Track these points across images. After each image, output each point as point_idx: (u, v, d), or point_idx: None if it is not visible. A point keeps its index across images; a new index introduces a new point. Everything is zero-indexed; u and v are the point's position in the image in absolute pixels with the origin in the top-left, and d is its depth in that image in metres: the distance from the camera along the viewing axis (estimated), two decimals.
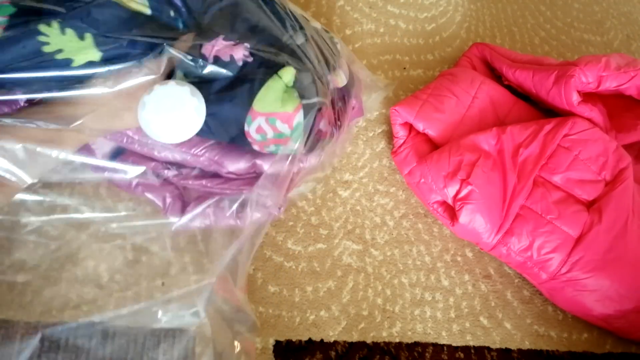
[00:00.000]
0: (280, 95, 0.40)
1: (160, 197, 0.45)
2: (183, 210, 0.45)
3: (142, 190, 0.45)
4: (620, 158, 0.52)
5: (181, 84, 0.40)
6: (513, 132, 0.52)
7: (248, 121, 0.41)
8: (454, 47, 0.68)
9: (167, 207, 0.45)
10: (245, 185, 0.46)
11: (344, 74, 0.50)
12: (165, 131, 0.40)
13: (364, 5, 0.68)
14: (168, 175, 0.46)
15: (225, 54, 0.41)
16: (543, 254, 0.48)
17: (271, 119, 0.41)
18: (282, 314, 0.48)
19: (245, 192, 0.45)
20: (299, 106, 0.41)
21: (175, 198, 0.45)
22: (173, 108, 0.39)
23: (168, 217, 0.45)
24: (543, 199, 0.49)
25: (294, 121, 0.41)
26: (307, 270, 0.51)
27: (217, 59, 0.41)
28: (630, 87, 0.52)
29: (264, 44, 0.43)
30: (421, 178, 0.52)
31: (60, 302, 0.43)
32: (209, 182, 0.45)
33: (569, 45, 0.73)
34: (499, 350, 0.51)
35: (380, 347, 0.49)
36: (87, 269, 0.44)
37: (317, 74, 0.44)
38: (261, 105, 0.41)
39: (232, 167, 0.45)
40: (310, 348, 0.48)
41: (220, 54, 0.41)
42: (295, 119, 0.41)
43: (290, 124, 0.41)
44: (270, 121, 0.41)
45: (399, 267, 0.53)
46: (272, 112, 0.41)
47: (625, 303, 0.48)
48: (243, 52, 0.41)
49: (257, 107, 0.41)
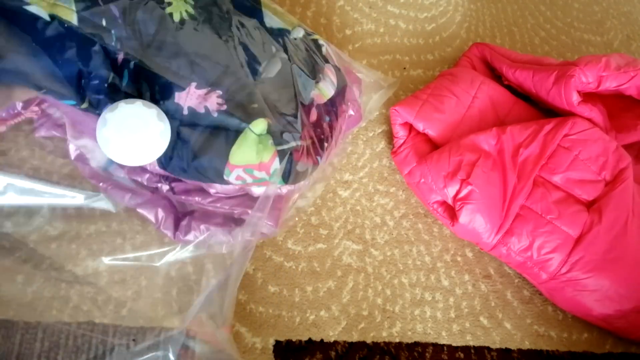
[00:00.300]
0: (254, 148, 0.41)
1: (152, 211, 0.45)
2: (176, 224, 0.45)
3: (135, 205, 0.45)
4: (620, 158, 0.52)
5: (148, 105, 0.39)
6: (513, 132, 0.52)
7: (227, 173, 0.41)
8: (454, 47, 0.68)
9: (160, 222, 0.45)
10: (237, 205, 0.46)
11: (331, 84, 0.49)
12: (125, 153, 0.38)
13: (364, 5, 0.68)
14: (162, 189, 0.45)
15: (199, 105, 0.41)
16: (543, 254, 0.48)
17: (248, 169, 0.41)
18: (282, 314, 0.48)
19: (236, 211, 0.46)
20: (274, 154, 0.41)
21: (168, 213, 0.45)
22: (137, 130, 0.38)
23: (162, 231, 0.45)
24: (543, 199, 0.49)
25: (270, 168, 0.42)
26: (307, 270, 0.51)
27: (191, 111, 0.41)
28: (630, 87, 0.52)
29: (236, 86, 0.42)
30: (421, 178, 0.52)
31: (60, 302, 0.43)
32: (202, 199, 0.45)
33: (569, 45, 0.73)
34: (499, 350, 0.51)
35: (380, 347, 0.49)
36: (87, 269, 0.45)
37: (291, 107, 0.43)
38: (237, 159, 0.41)
39: (220, 188, 0.45)
40: (310, 348, 0.48)
41: (195, 105, 0.41)
42: (272, 166, 0.41)
43: (267, 171, 0.42)
44: (248, 171, 0.42)
45: (399, 267, 0.53)
46: (248, 164, 0.41)
47: (625, 303, 0.48)
48: (217, 101, 0.41)
49: (233, 161, 0.41)
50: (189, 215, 0.46)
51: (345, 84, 0.52)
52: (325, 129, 0.48)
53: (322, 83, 0.48)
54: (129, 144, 0.38)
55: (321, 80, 0.48)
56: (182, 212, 0.46)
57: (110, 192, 0.45)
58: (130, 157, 0.39)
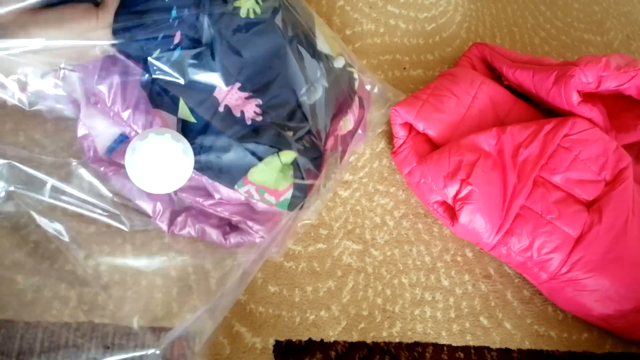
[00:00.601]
0: (275, 175, 0.42)
1: (151, 204, 0.45)
2: (172, 219, 0.45)
3: (134, 196, 0.45)
4: (620, 158, 0.52)
5: (177, 138, 0.40)
6: (513, 132, 0.52)
7: (239, 184, 0.42)
8: (454, 47, 0.68)
9: (157, 214, 0.45)
10: (237, 213, 0.46)
11: (353, 117, 0.50)
12: (147, 181, 0.40)
13: (364, 5, 0.68)
14: None
15: (237, 108, 0.41)
16: (543, 254, 0.48)
17: (261, 190, 0.42)
18: (282, 314, 0.48)
19: (234, 219, 0.46)
20: (290, 185, 0.42)
21: (165, 206, 0.45)
22: (162, 162, 0.40)
23: (156, 223, 0.45)
24: (543, 199, 0.49)
25: (281, 197, 0.42)
26: (307, 270, 0.51)
27: (228, 110, 0.41)
28: (630, 87, 0.52)
29: (278, 101, 0.43)
30: (421, 178, 0.52)
31: (60, 302, 0.43)
32: (203, 200, 0.45)
33: (569, 45, 0.73)
34: (499, 350, 0.51)
35: (380, 347, 0.49)
36: (87, 269, 0.45)
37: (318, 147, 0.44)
38: (255, 178, 0.42)
39: (226, 194, 0.45)
40: (310, 348, 0.48)
41: (232, 107, 0.41)
42: (283, 195, 0.42)
43: (277, 198, 0.43)
44: (260, 192, 0.42)
45: (399, 267, 0.53)
46: (263, 186, 0.42)
47: (625, 303, 0.48)
48: (254, 110, 0.42)
49: (250, 178, 0.42)
50: (186, 211, 0.46)
51: (363, 114, 0.53)
52: (336, 159, 0.49)
53: (348, 116, 0.49)
54: (153, 174, 0.40)
55: (348, 114, 0.49)
56: (180, 207, 0.46)
57: (111, 178, 0.45)
58: (152, 185, 0.41)
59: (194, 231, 0.45)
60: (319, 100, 0.46)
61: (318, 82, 0.46)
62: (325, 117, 0.46)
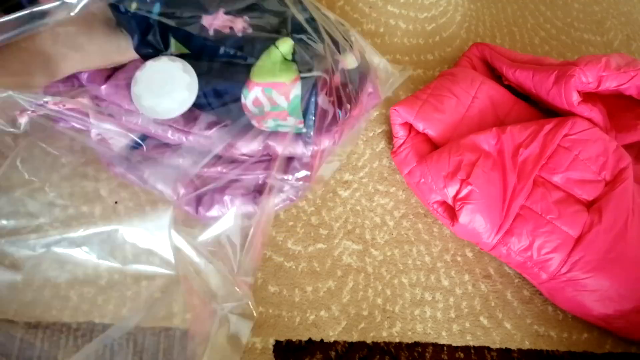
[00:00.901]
0: (277, 66, 0.40)
1: (172, 187, 0.45)
2: (198, 199, 0.45)
3: (154, 181, 0.45)
4: (620, 158, 0.52)
5: (173, 59, 0.41)
6: (513, 132, 0.52)
7: (245, 93, 0.40)
8: (454, 47, 0.68)
9: (181, 198, 0.45)
10: (261, 169, 0.45)
11: (355, 57, 0.48)
12: (156, 107, 0.41)
13: (364, 5, 0.68)
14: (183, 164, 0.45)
15: (224, 27, 0.41)
16: (543, 254, 0.48)
17: (267, 89, 0.40)
18: (282, 314, 0.48)
19: (261, 176, 0.45)
20: (296, 78, 0.40)
21: (188, 188, 0.45)
22: (164, 84, 0.41)
23: (183, 208, 0.45)
24: (543, 199, 0.49)
25: (290, 93, 0.40)
26: (307, 270, 0.51)
27: (217, 32, 0.41)
28: (630, 87, 0.52)
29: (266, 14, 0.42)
30: (421, 178, 0.52)
31: (60, 302, 0.43)
32: (224, 167, 0.45)
33: (569, 45, 0.73)
34: (499, 350, 0.51)
35: (380, 347, 0.49)
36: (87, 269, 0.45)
37: (318, 49, 0.42)
38: (258, 74, 0.40)
39: (245, 148, 0.44)
40: (310, 348, 0.48)
41: (220, 27, 0.41)
42: (292, 91, 0.40)
43: (287, 96, 0.41)
44: (267, 92, 0.40)
45: (399, 267, 0.53)
46: (268, 82, 0.40)
47: (625, 303, 0.48)
48: (242, 24, 0.41)
49: (253, 77, 0.40)
50: (211, 190, 0.45)
51: (369, 69, 0.51)
52: (350, 93, 0.47)
53: (348, 53, 0.47)
54: (158, 97, 0.41)
55: (346, 51, 0.47)
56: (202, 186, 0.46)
57: (127, 175, 0.46)
58: (161, 110, 0.42)
59: (224, 205, 0.45)
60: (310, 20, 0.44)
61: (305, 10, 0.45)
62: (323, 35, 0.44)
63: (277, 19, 0.43)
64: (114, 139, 0.45)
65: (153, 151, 0.46)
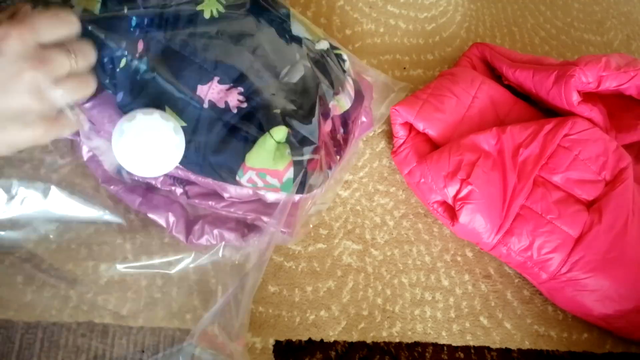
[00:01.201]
0: (271, 155, 0.41)
1: (163, 217, 0.45)
2: (188, 228, 0.45)
3: (145, 210, 0.45)
4: (620, 158, 0.52)
5: (166, 117, 0.38)
6: (513, 132, 0.52)
7: (240, 174, 0.41)
8: (454, 47, 0.68)
9: (172, 226, 0.45)
10: (250, 211, 0.46)
11: (348, 97, 0.49)
12: (140, 164, 0.39)
13: (364, 5, 0.68)
14: (175, 192, 0.45)
15: (220, 100, 0.41)
16: (543, 254, 0.48)
17: (261, 173, 0.41)
18: (282, 314, 0.48)
19: (249, 216, 0.46)
20: (289, 163, 0.41)
21: (179, 217, 0.45)
22: (153, 143, 0.38)
23: (174, 235, 0.45)
24: (543, 199, 0.49)
25: (284, 177, 0.42)
26: (307, 270, 0.51)
27: (212, 105, 0.41)
28: (630, 87, 0.52)
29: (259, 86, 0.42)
30: (421, 178, 0.52)
31: (60, 302, 0.43)
32: (215, 203, 0.45)
33: (569, 45, 0.73)
34: (499, 350, 0.51)
35: (380, 347, 0.49)
36: (87, 269, 0.45)
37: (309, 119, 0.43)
38: (253, 162, 0.41)
39: (234, 192, 0.45)
40: (310, 348, 0.48)
41: (215, 99, 0.41)
42: (285, 175, 0.42)
43: (280, 179, 0.42)
44: (261, 175, 0.42)
45: (399, 267, 0.53)
46: (262, 169, 0.41)
47: (625, 303, 0.48)
48: (237, 98, 0.41)
49: (248, 163, 0.41)
50: (202, 219, 0.46)
51: (362, 97, 0.52)
52: (339, 141, 0.48)
53: (341, 95, 0.48)
54: (145, 156, 0.38)
55: (340, 92, 0.48)
56: (194, 215, 0.46)
57: (121, 195, 0.45)
58: (144, 168, 0.39)
59: (213, 237, 0.45)
60: (304, 78, 0.45)
61: (298, 62, 0.45)
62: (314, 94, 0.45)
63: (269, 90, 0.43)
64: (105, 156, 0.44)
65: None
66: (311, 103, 0.45)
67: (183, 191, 0.45)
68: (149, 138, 0.38)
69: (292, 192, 0.43)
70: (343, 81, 0.49)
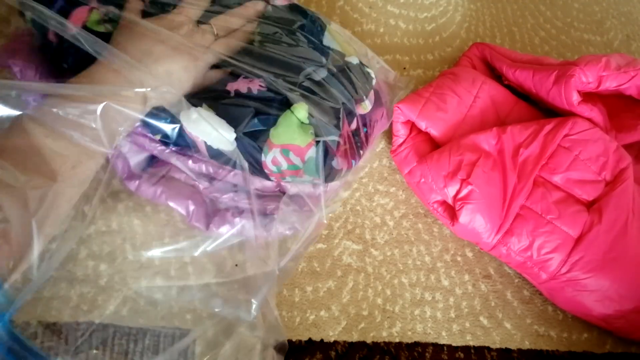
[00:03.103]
0: (295, 129, 0.42)
1: (183, 205, 0.46)
2: (207, 218, 0.47)
3: (166, 199, 0.46)
4: (620, 158, 0.52)
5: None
6: (513, 132, 0.52)
7: (265, 152, 0.43)
8: (454, 47, 0.68)
9: (191, 215, 0.46)
10: (271, 202, 0.47)
11: (370, 101, 0.51)
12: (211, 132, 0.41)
13: (364, 5, 0.68)
14: (198, 187, 0.47)
15: (243, 87, 0.43)
16: (543, 254, 0.48)
17: (285, 150, 0.43)
18: (282, 314, 0.48)
19: (269, 209, 0.47)
20: (311, 142, 0.43)
21: (198, 206, 0.47)
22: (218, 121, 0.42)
23: (193, 224, 0.46)
24: (543, 199, 0.49)
25: (305, 155, 0.43)
26: (307, 270, 0.51)
27: (237, 92, 0.43)
28: (631, 87, 0.52)
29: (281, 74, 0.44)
30: (421, 178, 0.52)
31: (60, 302, 0.43)
32: (236, 196, 0.47)
33: (569, 45, 0.73)
34: (499, 350, 0.51)
35: (380, 347, 0.49)
36: (87, 269, 0.45)
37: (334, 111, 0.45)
38: (276, 137, 0.43)
39: (260, 184, 0.47)
40: (310, 348, 0.48)
41: (240, 87, 0.43)
42: (307, 153, 0.43)
43: (302, 157, 0.43)
44: (284, 152, 0.43)
45: (399, 267, 0.53)
46: (285, 144, 0.43)
47: (625, 303, 0.48)
48: (258, 84, 0.43)
49: (273, 140, 0.43)
50: (223, 210, 0.47)
51: (381, 100, 0.53)
52: (362, 138, 0.49)
53: (366, 100, 0.50)
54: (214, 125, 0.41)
55: (364, 99, 0.50)
56: (213, 207, 0.48)
57: (142, 189, 0.47)
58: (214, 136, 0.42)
59: (233, 226, 0.46)
60: (328, 78, 0.46)
61: (324, 66, 0.47)
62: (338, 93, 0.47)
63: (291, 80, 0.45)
64: (131, 153, 0.47)
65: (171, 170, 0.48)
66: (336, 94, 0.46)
67: (209, 184, 0.47)
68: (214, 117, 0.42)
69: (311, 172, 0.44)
70: (367, 91, 0.50)
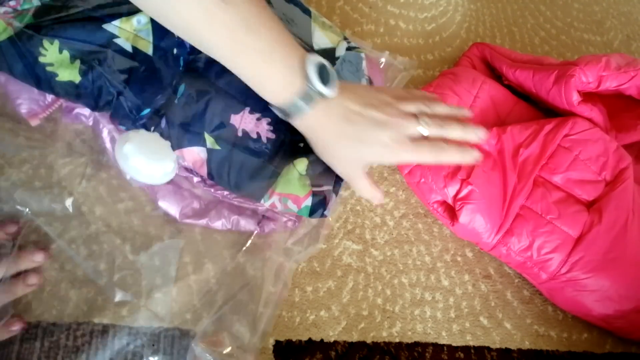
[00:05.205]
0: (295, 182, 0.46)
1: (174, 203, 0.47)
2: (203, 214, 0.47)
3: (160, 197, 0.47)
4: (620, 158, 0.52)
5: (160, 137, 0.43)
6: (513, 132, 0.52)
7: (265, 198, 0.46)
8: (454, 47, 0.68)
9: (182, 216, 0.47)
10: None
11: None
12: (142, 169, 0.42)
13: (364, 5, 0.68)
14: (194, 180, 0.47)
15: (252, 131, 0.45)
16: (543, 254, 0.48)
17: (284, 198, 0.46)
18: (282, 314, 0.48)
19: (261, 208, 0.48)
20: (309, 192, 0.46)
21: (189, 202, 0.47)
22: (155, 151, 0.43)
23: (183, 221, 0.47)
24: (543, 199, 0.49)
25: (302, 204, 0.46)
26: (307, 270, 0.51)
27: (246, 134, 0.45)
28: (630, 87, 0.52)
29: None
30: (421, 178, 0.52)
31: (60, 302, 0.43)
32: (230, 194, 0.47)
33: (569, 45, 0.73)
34: (499, 350, 0.51)
35: (380, 347, 0.49)
36: (88, 269, 0.44)
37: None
38: (279, 188, 0.46)
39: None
40: (310, 348, 0.48)
41: (249, 130, 0.45)
42: (304, 202, 0.46)
43: (298, 205, 0.46)
44: (283, 200, 0.46)
45: (399, 267, 0.53)
46: (286, 194, 0.46)
47: (625, 303, 0.48)
48: (267, 129, 0.46)
49: (276, 189, 0.46)
50: (219, 203, 0.48)
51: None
52: None
53: None
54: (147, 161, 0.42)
55: None
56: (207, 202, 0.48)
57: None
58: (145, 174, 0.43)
59: (229, 222, 0.47)
60: None
61: None
62: None
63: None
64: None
65: None
66: None
67: (201, 180, 0.47)
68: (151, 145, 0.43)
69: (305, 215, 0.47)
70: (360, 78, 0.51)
